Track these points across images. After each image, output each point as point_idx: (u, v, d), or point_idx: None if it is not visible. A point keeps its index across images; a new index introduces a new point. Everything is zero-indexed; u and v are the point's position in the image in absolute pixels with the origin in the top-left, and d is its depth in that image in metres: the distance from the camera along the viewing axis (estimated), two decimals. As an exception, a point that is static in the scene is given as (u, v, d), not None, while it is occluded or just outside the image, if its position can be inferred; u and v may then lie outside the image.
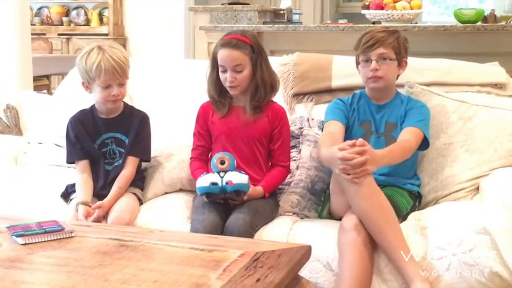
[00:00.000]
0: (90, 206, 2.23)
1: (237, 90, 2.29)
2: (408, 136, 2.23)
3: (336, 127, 2.31)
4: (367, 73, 2.29)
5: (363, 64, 2.31)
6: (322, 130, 2.39)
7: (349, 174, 2.00)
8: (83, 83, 2.38)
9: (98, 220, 2.18)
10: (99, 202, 2.25)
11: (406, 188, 2.29)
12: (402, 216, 2.17)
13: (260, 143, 2.33)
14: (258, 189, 2.24)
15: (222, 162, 2.19)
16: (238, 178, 2.15)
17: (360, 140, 2.03)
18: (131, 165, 2.39)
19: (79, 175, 2.37)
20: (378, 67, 2.26)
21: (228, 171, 2.17)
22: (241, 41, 2.28)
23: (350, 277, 1.94)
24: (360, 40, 2.32)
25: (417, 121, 2.27)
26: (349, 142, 2.04)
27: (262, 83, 2.30)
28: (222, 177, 2.15)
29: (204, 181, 2.17)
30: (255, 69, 2.29)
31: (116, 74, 2.30)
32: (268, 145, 2.35)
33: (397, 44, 2.29)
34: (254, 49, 2.29)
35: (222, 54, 2.28)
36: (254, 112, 2.30)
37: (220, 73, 2.30)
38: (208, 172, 2.25)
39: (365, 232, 2.00)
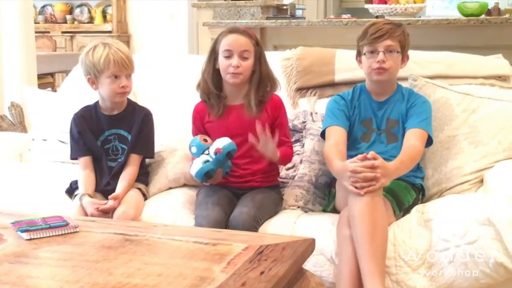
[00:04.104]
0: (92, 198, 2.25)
1: (239, 78, 2.25)
2: (413, 140, 2.21)
3: (339, 136, 2.28)
4: (372, 64, 2.26)
5: (368, 55, 2.28)
6: (322, 133, 2.35)
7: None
8: (88, 79, 2.37)
9: (108, 210, 2.20)
10: (114, 194, 2.25)
11: (409, 181, 2.28)
12: (404, 209, 2.17)
13: None
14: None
15: (205, 140, 2.23)
16: (222, 142, 2.17)
17: (371, 153, 2.02)
18: (134, 163, 2.39)
19: (81, 171, 2.38)
20: (386, 59, 2.24)
21: (209, 146, 2.19)
22: (248, 33, 2.30)
23: (349, 271, 1.94)
24: (365, 31, 2.29)
25: (420, 122, 2.25)
26: (360, 156, 2.02)
27: (266, 77, 2.29)
28: (208, 154, 2.17)
29: (197, 165, 2.18)
30: (258, 63, 2.28)
31: (125, 65, 2.31)
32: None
33: (403, 37, 2.29)
34: (258, 44, 2.30)
35: (230, 38, 2.25)
36: (258, 109, 2.27)
37: (222, 60, 2.25)
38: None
39: None
